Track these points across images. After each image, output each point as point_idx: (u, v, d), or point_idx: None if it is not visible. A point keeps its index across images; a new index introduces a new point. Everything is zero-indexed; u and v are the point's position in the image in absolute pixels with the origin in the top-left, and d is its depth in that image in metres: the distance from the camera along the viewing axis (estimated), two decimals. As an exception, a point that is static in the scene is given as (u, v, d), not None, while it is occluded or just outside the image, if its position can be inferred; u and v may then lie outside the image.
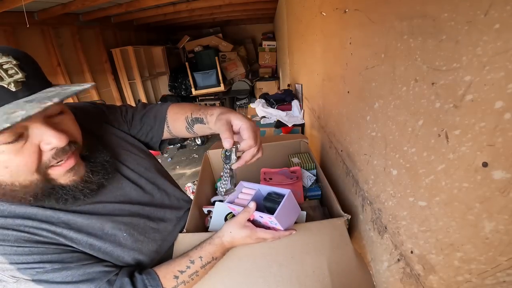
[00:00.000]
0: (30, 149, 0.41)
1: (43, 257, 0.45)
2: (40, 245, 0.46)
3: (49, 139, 0.41)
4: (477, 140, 0.32)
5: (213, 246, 0.59)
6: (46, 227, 0.47)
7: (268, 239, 0.60)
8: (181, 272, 0.56)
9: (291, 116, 1.91)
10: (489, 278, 0.33)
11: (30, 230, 0.46)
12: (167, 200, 0.69)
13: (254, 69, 5.11)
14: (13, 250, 0.43)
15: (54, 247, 0.47)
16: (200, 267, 0.57)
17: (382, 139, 0.57)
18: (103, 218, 0.54)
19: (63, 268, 0.46)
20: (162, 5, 2.94)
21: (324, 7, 1.00)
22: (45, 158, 0.43)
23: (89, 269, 0.49)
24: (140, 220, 0.60)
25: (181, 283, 0.55)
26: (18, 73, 0.38)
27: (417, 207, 0.45)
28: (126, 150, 0.65)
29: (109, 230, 0.54)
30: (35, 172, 0.42)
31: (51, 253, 0.46)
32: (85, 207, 0.53)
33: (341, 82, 0.84)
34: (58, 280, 0.46)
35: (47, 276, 0.45)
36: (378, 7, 0.54)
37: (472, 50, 0.31)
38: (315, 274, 0.58)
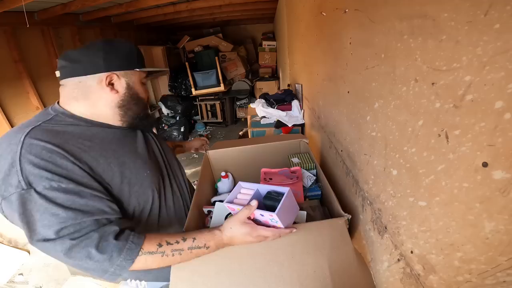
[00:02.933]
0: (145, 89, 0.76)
1: (70, 174, 0.54)
2: (79, 163, 0.56)
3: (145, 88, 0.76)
4: (477, 140, 0.32)
5: (211, 235, 0.59)
6: (97, 149, 0.61)
7: (269, 237, 0.60)
8: (167, 243, 0.57)
9: (291, 116, 1.91)
10: (489, 278, 0.33)
11: (85, 147, 0.59)
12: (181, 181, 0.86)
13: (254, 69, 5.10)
14: (55, 160, 0.53)
15: (88, 171, 0.57)
16: (188, 247, 0.58)
17: (382, 139, 0.57)
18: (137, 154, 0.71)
19: (74, 191, 0.53)
20: (162, 5, 2.94)
21: (324, 7, 1.00)
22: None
23: (92, 202, 0.55)
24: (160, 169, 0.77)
25: (160, 253, 0.56)
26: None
27: (417, 207, 0.45)
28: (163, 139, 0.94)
29: (139, 164, 0.69)
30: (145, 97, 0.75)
31: (79, 174, 0.55)
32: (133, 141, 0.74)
33: (341, 82, 0.84)
34: (58, 201, 0.52)
35: (53, 194, 0.51)
36: (378, 7, 0.54)
37: (472, 50, 0.31)
38: (316, 274, 0.58)
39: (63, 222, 0.51)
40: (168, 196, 0.76)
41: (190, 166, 3.40)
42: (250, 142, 1.13)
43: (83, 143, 0.60)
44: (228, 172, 1.07)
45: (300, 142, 1.07)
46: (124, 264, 0.54)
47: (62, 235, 0.51)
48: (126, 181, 0.64)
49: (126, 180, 0.64)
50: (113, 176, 0.62)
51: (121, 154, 0.66)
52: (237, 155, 1.07)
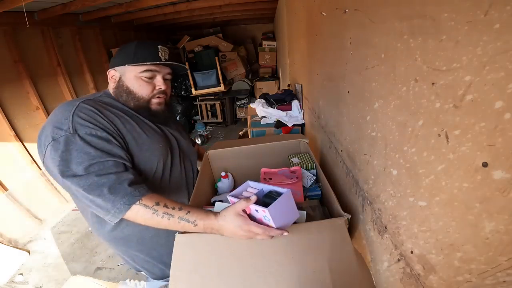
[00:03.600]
0: (151, 84, 0.82)
1: (104, 127, 0.70)
2: (111, 124, 0.72)
3: (160, 84, 0.83)
4: (477, 140, 0.32)
5: (205, 215, 0.63)
6: (127, 119, 0.79)
7: (259, 234, 0.60)
8: (164, 205, 0.64)
9: (291, 116, 1.91)
10: (489, 278, 0.33)
11: (118, 115, 0.77)
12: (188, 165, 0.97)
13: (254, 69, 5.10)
14: (96, 118, 0.70)
15: (116, 131, 0.73)
16: (178, 216, 0.63)
17: (382, 139, 0.57)
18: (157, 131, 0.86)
19: (105, 139, 0.69)
20: (162, 5, 2.94)
21: (324, 7, 1.00)
22: (155, 91, 0.83)
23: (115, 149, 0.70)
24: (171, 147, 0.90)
25: (152, 209, 0.63)
26: (167, 55, 0.83)
27: (417, 207, 0.45)
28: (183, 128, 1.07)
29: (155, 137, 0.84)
30: (147, 95, 0.82)
31: (110, 130, 0.71)
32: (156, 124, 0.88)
33: (341, 82, 0.84)
34: (92, 144, 0.66)
35: (90, 139, 0.67)
36: (378, 7, 0.54)
37: (472, 50, 0.31)
38: (316, 274, 0.58)
39: (92, 159, 0.64)
40: (172, 170, 0.88)
41: (190, 166, 3.39)
42: (250, 142, 1.13)
43: (116, 112, 0.77)
44: (228, 172, 1.07)
45: (300, 142, 1.07)
46: (122, 208, 0.62)
47: (89, 171, 0.64)
48: (140, 146, 0.78)
49: (140, 146, 0.78)
50: (131, 138, 0.76)
51: (144, 127, 0.82)
52: (237, 155, 1.07)
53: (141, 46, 0.80)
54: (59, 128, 0.66)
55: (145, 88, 0.81)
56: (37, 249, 2.16)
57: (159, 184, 0.84)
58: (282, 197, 0.58)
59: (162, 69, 0.82)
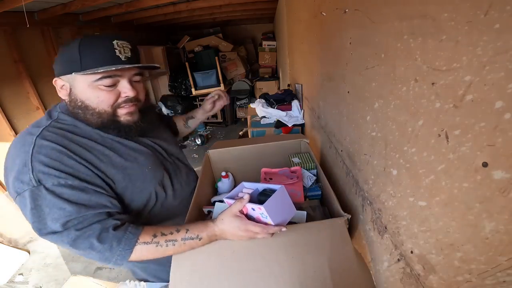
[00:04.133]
0: (114, 92, 0.65)
1: (76, 172, 0.58)
2: (83, 161, 0.60)
3: (126, 90, 0.66)
4: (477, 140, 0.32)
5: (203, 226, 0.62)
6: (100, 149, 0.65)
7: (258, 233, 0.60)
8: (162, 234, 0.61)
9: (291, 116, 1.91)
10: (489, 278, 0.33)
11: (88, 147, 0.63)
12: (182, 167, 0.88)
13: (254, 69, 5.10)
14: (62, 159, 0.58)
15: (91, 168, 0.61)
16: (181, 238, 0.60)
17: (382, 139, 0.57)
18: (139, 150, 0.72)
19: (79, 187, 0.58)
20: (162, 5, 2.94)
21: (324, 7, 1.00)
22: (119, 100, 0.66)
23: (94, 197, 0.59)
24: (162, 165, 0.77)
25: (155, 243, 0.59)
26: (128, 52, 0.64)
27: (417, 207, 0.45)
28: (162, 127, 0.92)
29: (140, 161, 0.71)
30: (110, 106, 0.65)
31: (84, 172, 0.60)
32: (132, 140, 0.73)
33: (341, 82, 0.84)
34: (65, 196, 0.56)
35: (61, 190, 0.56)
36: (378, 7, 0.54)
37: (472, 50, 0.31)
38: (316, 274, 0.58)
39: (69, 215, 0.55)
40: (174, 187, 0.79)
41: (190, 166, 3.39)
42: (250, 142, 1.13)
43: (84, 143, 0.63)
44: (228, 172, 1.07)
45: (301, 142, 1.07)
46: (124, 254, 0.58)
47: (68, 227, 0.56)
48: (128, 177, 0.67)
49: (128, 177, 0.67)
50: (115, 173, 0.65)
51: (123, 151, 0.68)
52: (237, 155, 1.07)
53: (89, 45, 0.61)
54: (20, 180, 0.55)
55: (106, 99, 0.64)
56: (37, 249, 2.16)
57: (167, 208, 0.75)
58: (277, 193, 0.59)
59: (125, 71, 0.65)
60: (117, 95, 0.66)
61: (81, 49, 0.60)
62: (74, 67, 0.60)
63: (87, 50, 0.60)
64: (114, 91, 0.65)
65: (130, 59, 0.64)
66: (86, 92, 0.63)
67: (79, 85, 0.63)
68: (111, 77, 0.63)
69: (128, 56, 0.64)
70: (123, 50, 0.63)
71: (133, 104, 0.69)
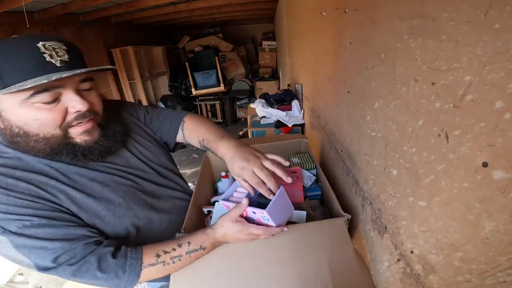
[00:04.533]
0: (59, 109, 0.51)
1: (36, 212, 0.50)
2: (40, 200, 0.51)
3: (74, 104, 0.52)
4: (477, 140, 0.32)
5: (204, 236, 0.60)
6: (53, 184, 0.54)
7: (260, 235, 0.60)
8: (165, 252, 0.57)
9: (291, 116, 1.91)
10: (489, 278, 0.33)
11: (39, 184, 0.52)
12: (167, 184, 0.75)
13: (254, 69, 5.10)
14: (14, 201, 0.49)
15: (51, 205, 0.52)
16: (185, 252, 0.58)
17: (382, 139, 0.57)
18: (105, 180, 0.61)
19: (48, 225, 0.50)
20: (162, 5, 2.94)
21: (324, 7, 1.00)
22: (69, 118, 0.53)
23: (72, 230, 0.53)
24: (137, 191, 0.66)
25: (161, 262, 0.56)
26: (64, 55, 0.50)
27: (417, 207, 0.45)
28: (140, 136, 0.74)
29: (106, 194, 0.60)
30: (58, 127, 0.52)
31: (46, 210, 0.51)
32: (94, 164, 0.61)
33: (341, 82, 0.84)
34: (39, 236, 0.49)
35: (30, 231, 0.49)
36: (378, 7, 0.54)
37: (472, 50, 0.31)
38: (316, 273, 0.58)
39: (55, 252, 0.50)
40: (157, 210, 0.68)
41: (190, 166, 3.40)
42: (250, 142, 1.13)
43: (36, 179, 0.52)
44: (228, 172, 1.07)
45: (301, 142, 1.06)
46: (132, 279, 0.55)
47: (60, 263, 0.50)
48: (94, 215, 0.57)
49: (94, 215, 0.57)
50: (78, 211, 0.55)
51: (83, 185, 0.57)
52: (237, 155, 1.07)
53: (5, 54, 0.46)
54: None
55: (49, 120, 0.50)
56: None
57: (151, 234, 0.66)
58: (278, 196, 0.58)
59: (66, 80, 0.50)
60: (63, 112, 0.51)
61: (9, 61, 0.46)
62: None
63: (4, 60, 0.46)
64: (58, 108, 0.51)
65: (69, 63, 0.50)
66: (20, 114, 0.49)
67: (8, 107, 0.48)
68: (47, 91, 0.48)
69: (64, 59, 0.49)
70: (55, 53, 0.48)
71: (89, 120, 0.55)
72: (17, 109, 0.48)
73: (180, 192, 0.77)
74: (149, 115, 0.80)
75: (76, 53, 0.54)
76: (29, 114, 0.49)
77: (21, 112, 0.49)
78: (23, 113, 0.49)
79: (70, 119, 0.53)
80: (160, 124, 0.80)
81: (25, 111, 0.49)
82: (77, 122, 0.54)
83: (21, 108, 0.48)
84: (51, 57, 0.48)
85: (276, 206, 0.58)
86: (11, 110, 0.49)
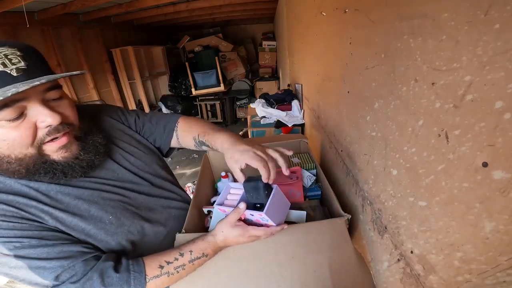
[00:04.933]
0: (26, 125, 0.45)
1: (23, 233, 0.47)
2: (25, 221, 0.48)
3: (43, 118, 0.46)
4: (477, 140, 0.32)
5: (205, 243, 0.59)
6: (35, 205, 0.50)
7: (261, 236, 0.60)
8: (168, 263, 0.55)
9: (291, 116, 1.91)
10: (489, 278, 0.33)
11: (20, 206, 0.48)
12: (161, 193, 0.71)
13: (254, 69, 5.11)
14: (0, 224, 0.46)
15: (38, 224, 0.49)
16: (188, 261, 0.57)
17: (382, 139, 0.57)
18: (91, 197, 0.56)
19: (40, 245, 0.48)
20: (162, 5, 2.94)
21: (324, 7, 1.00)
22: (40, 134, 0.47)
23: (67, 248, 0.50)
24: (128, 206, 0.61)
25: (165, 273, 0.55)
26: (20, 62, 0.43)
27: (417, 207, 0.45)
28: (127, 143, 0.69)
29: (94, 212, 0.56)
30: (30, 146, 0.47)
31: (33, 230, 0.48)
32: (77, 181, 0.56)
33: (341, 82, 0.84)
34: (34, 256, 0.47)
35: (23, 252, 0.46)
36: (378, 7, 0.54)
37: (472, 50, 0.31)
38: (316, 273, 0.58)
39: (54, 271, 0.48)
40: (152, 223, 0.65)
41: (190, 166, 3.40)
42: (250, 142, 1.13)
43: (16, 200, 0.48)
44: (228, 172, 1.07)
45: (300, 142, 1.07)
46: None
47: (62, 281, 0.48)
48: (85, 234, 0.54)
49: (84, 234, 0.54)
50: (67, 229, 0.52)
51: (67, 205, 0.53)
52: (237, 155, 1.07)
53: None
54: None
55: (17, 139, 0.45)
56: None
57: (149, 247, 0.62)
58: (273, 196, 0.58)
59: (29, 92, 0.44)
60: (31, 128, 0.46)
61: None
62: None
63: None
64: (25, 124, 0.45)
65: (29, 71, 0.44)
66: None
67: None
68: (8, 106, 0.42)
69: (22, 67, 0.43)
70: (9, 61, 0.42)
71: (64, 133, 0.50)
72: None
73: (177, 201, 0.73)
74: (141, 119, 0.75)
75: (36, 58, 0.47)
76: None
77: None
78: None
79: (41, 135, 0.47)
80: (153, 128, 0.75)
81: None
82: (50, 138, 0.48)
83: None
84: (4, 66, 0.41)
85: (273, 206, 0.58)
86: None
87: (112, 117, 0.71)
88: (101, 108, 0.71)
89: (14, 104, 0.42)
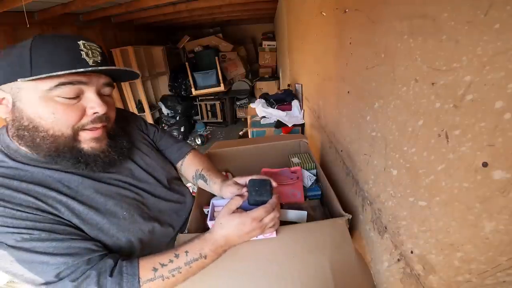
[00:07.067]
0: (78, 107, 0.51)
1: (36, 224, 0.48)
2: (40, 212, 0.49)
3: (94, 105, 0.52)
4: (477, 140, 0.32)
5: (202, 241, 0.56)
6: (53, 195, 0.51)
7: (265, 218, 0.56)
8: (162, 265, 0.53)
9: (291, 116, 1.91)
10: (489, 278, 0.33)
11: (39, 196, 0.50)
12: (172, 196, 0.73)
13: (254, 69, 5.11)
14: (11, 213, 0.47)
15: (51, 217, 0.50)
16: (184, 263, 0.53)
17: (382, 139, 0.57)
18: (109, 192, 0.59)
19: (49, 239, 0.48)
20: (162, 5, 2.94)
21: (324, 7, 1.00)
22: (84, 120, 0.52)
23: (75, 244, 0.50)
24: (141, 205, 0.64)
25: (159, 277, 0.52)
26: (98, 57, 0.52)
27: (417, 207, 0.45)
28: (146, 146, 0.76)
29: (110, 207, 0.57)
30: (71, 127, 0.51)
31: (46, 222, 0.49)
32: (97, 175, 0.59)
33: (341, 82, 0.84)
34: (40, 250, 0.47)
35: (30, 244, 0.46)
36: (378, 7, 0.54)
37: (472, 50, 0.31)
38: (317, 273, 0.58)
39: (57, 268, 0.47)
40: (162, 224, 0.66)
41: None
42: (250, 142, 1.13)
43: (35, 190, 0.50)
44: (228, 172, 1.07)
45: (300, 142, 1.07)
46: None
47: (61, 278, 0.48)
48: (97, 228, 0.55)
49: (96, 228, 0.55)
50: (79, 223, 0.53)
51: (85, 197, 0.55)
52: (237, 155, 1.07)
53: (44, 44, 0.47)
54: None
55: (65, 117, 0.49)
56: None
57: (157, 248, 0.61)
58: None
59: (93, 79, 0.51)
60: (81, 111, 0.51)
61: (34, 49, 0.45)
62: (21, 72, 0.45)
63: (42, 49, 0.46)
64: (77, 106, 0.50)
65: (100, 65, 0.51)
66: (37, 106, 0.48)
67: (27, 97, 0.47)
68: (72, 84, 0.48)
69: (97, 60, 0.51)
70: (91, 53, 0.50)
71: (102, 126, 0.55)
72: (35, 100, 0.48)
73: (188, 204, 0.77)
74: (159, 133, 0.83)
75: (107, 59, 0.56)
76: (46, 107, 0.48)
77: (39, 104, 0.48)
78: (40, 105, 0.48)
79: (85, 121, 0.52)
80: (168, 145, 0.84)
81: (44, 104, 0.48)
82: (91, 126, 0.53)
83: (40, 100, 0.48)
84: (87, 56, 0.50)
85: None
86: (28, 101, 0.48)
87: (136, 126, 0.78)
88: (130, 116, 0.79)
89: (77, 84, 0.49)
